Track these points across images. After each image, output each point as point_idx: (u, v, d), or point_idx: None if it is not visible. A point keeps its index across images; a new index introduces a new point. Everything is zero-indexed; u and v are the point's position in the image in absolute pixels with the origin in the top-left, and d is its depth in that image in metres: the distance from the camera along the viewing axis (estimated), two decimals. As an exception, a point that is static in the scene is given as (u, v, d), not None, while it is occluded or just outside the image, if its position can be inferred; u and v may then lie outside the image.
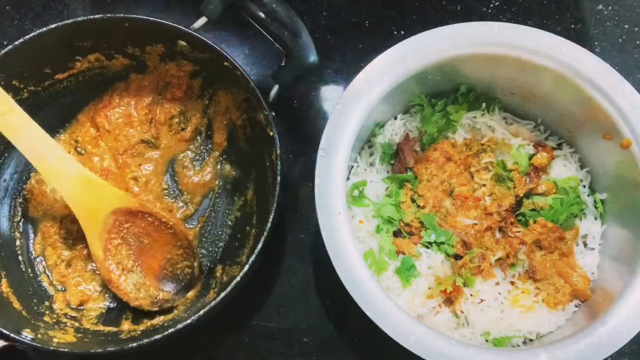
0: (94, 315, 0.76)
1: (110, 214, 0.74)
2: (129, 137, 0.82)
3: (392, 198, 0.74)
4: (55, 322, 0.73)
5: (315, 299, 0.78)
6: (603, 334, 0.63)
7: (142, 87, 0.83)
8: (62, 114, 0.81)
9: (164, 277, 0.76)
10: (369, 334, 0.65)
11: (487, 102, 0.78)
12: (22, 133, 0.69)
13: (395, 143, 0.77)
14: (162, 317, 0.75)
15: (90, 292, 0.77)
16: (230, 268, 0.76)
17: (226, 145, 0.83)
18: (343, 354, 0.76)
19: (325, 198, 0.68)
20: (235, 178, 0.82)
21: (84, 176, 0.73)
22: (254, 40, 0.87)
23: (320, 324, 0.77)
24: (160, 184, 0.82)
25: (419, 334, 0.63)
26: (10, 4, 0.90)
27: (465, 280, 0.70)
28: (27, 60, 0.73)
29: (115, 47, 0.78)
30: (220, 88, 0.81)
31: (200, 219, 0.81)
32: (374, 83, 0.71)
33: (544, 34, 0.71)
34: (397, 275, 0.71)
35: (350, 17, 0.90)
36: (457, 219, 0.72)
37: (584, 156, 0.76)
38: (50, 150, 0.71)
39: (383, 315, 0.64)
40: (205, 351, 0.77)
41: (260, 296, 0.78)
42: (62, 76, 0.78)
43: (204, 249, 0.80)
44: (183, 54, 0.78)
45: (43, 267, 0.78)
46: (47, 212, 0.80)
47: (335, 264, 0.66)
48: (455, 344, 0.63)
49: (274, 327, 0.77)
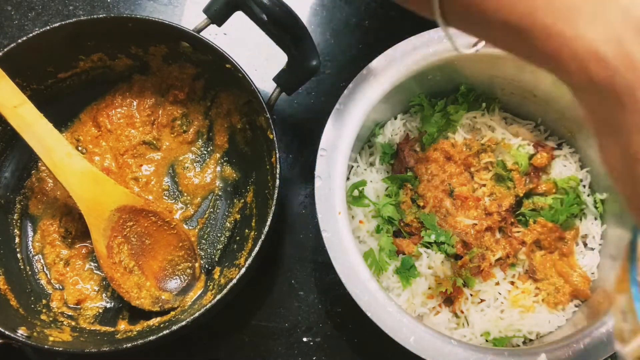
0: (91, 314, 0.75)
1: (115, 210, 0.74)
2: (131, 137, 0.83)
3: (392, 198, 0.74)
4: (52, 320, 0.73)
5: (315, 299, 0.77)
6: (603, 334, 0.63)
7: (144, 88, 0.83)
8: (64, 113, 0.81)
9: (165, 278, 0.76)
10: (369, 334, 0.65)
11: (487, 102, 0.78)
12: (32, 127, 0.70)
13: (395, 143, 0.77)
14: (159, 318, 0.74)
15: (88, 291, 0.77)
16: (228, 270, 0.76)
17: (227, 148, 0.83)
18: (343, 354, 0.75)
19: (325, 198, 0.68)
20: (236, 180, 0.82)
21: (92, 172, 0.74)
22: (257, 43, 0.88)
23: (320, 324, 0.76)
24: (161, 184, 0.82)
25: (419, 334, 0.63)
26: (10, 4, 0.90)
27: (465, 280, 0.70)
28: (30, 59, 0.73)
29: (119, 47, 0.78)
30: (222, 90, 0.81)
31: (199, 221, 0.81)
32: (374, 83, 0.71)
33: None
34: (397, 275, 0.71)
35: (350, 17, 0.90)
36: (457, 219, 0.72)
37: (584, 156, 0.76)
38: (58, 145, 0.72)
39: (383, 315, 0.63)
40: (205, 351, 0.76)
41: (260, 296, 0.78)
42: (65, 75, 0.79)
43: (202, 251, 0.80)
44: (186, 56, 0.78)
45: (41, 265, 0.78)
46: (47, 210, 0.79)
47: (335, 264, 0.65)
48: (455, 344, 0.63)
49: (274, 327, 0.77)
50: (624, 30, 0.37)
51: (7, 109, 0.69)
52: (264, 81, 0.81)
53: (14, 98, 0.70)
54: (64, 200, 0.79)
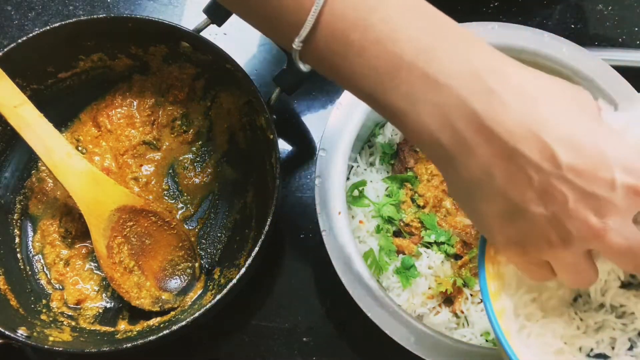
0: (91, 314, 0.75)
1: (115, 210, 0.74)
2: (131, 137, 0.83)
3: (392, 198, 0.74)
4: (52, 320, 0.73)
5: (315, 299, 0.77)
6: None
7: (144, 88, 0.83)
8: (64, 113, 0.81)
9: (165, 278, 0.76)
10: (369, 334, 0.65)
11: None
12: (32, 127, 0.70)
13: (395, 143, 0.77)
14: (159, 318, 0.74)
15: (88, 292, 0.77)
16: (228, 270, 0.76)
17: (227, 148, 0.83)
18: (343, 354, 0.75)
19: (325, 198, 0.68)
20: (236, 180, 0.82)
21: (92, 172, 0.74)
22: (257, 43, 0.88)
23: (320, 324, 0.76)
24: (161, 184, 0.82)
25: (418, 334, 0.63)
26: (10, 4, 0.90)
27: (465, 280, 0.70)
28: (30, 59, 0.73)
29: (119, 47, 0.78)
30: (222, 90, 0.81)
31: (199, 221, 0.81)
32: (375, 83, 0.71)
33: (544, 34, 0.71)
34: (397, 275, 0.71)
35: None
36: (457, 219, 0.72)
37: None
38: (58, 145, 0.72)
39: (383, 315, 0.63)
40: (205, 351, 0.76)
41: (260, 296, 0.78)
42: (65, 75, 0.79)
43: (202, 251, 0.80)
44: (186, 56, 0.78)
45: (41, 265, 0.78)
46: (47, 210, 0.79)
47: (335, 264, 0.66)
48: (455, 344, 0.63)
49: (274, 327, 0.76)
50: (457, 120, 0.42)
51: (7, 109, 0.70)
52: (264, 81, 0.81)
53: (14, 98, 0.70)
54: (64, 200, 0.79)
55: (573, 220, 0.42)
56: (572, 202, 0.41)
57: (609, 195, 0.41)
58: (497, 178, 0.42)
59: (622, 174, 0.41)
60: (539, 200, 0.42)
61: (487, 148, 0.42)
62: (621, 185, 0.41)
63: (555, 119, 0.42)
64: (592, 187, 0.41)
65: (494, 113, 0.41)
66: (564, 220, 0.42)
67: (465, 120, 0.42)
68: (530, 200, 0.42)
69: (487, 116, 0.41)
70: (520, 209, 0.42)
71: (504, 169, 0.42)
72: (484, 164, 0.42)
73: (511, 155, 0.41)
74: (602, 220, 0.41)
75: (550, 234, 0.43)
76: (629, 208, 0.42)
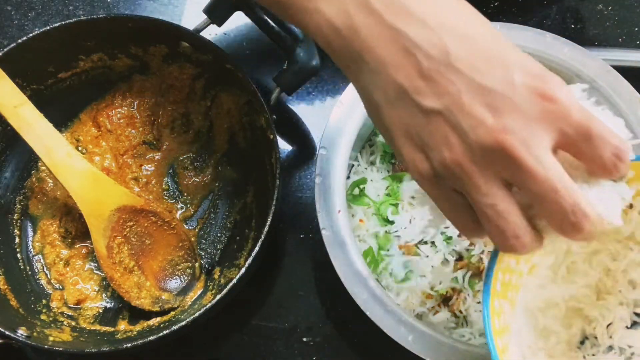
0: (91, 314, 0.75)
1: (115, 210, 0.74)
2: (131, 137, 0.83)
3: (393, 197, 0.74)
4: (52, 320, 0.73)
5: (315, 299, 0.77)
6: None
7: (144, 88, 0.83)
8: (64, 113, 0.81)
9: (165, 278, 0.76)
10: (369, 334, 0.65)
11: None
12: (32, 127, 0.71)
13: (395, 143, 0.77)
14: (159, 318, 0.74)
15: (88, 291, 0.77)
16: (228, 270, 0.76)
17: (227, 148, 0.83)
18: (343, 354, 0.75)
19: (325, 197, 0.68)
20: (236, 180, 0.82)
21: (92, 172, 0.74)
22: (257, 43, 0.88)
23: (320, 324, 0.76)
24: (161, 184, 0.82)
25: (418, 334, 0.63)
26: (10, 4, 0.90)
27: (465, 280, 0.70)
28: (30, 59, 0.73)
29: (119, 47, 0.78)
30: (222, 90, 0.81)
31: (199, 221, 0.81)
32: (375, 82, 0.71)
33: (544, 34, 0.71)
34: (396, 274, 0.71)
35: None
36: (458, 219, 0.72)
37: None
38: (59, 145, 0.72)
39: (383, 314, 0.63)
40: (205, 351, 0.76)
41: (260, 296, 0.78)
42: (65, 75, 0.79)
43: (202, 251, 0.80)
44: (186, 56, 0.78)
45: (41, 265, 0.78)
46: (47, 210, 0.80)
47: (334, 263, 0.65)
48: (454, 343, 0.63)
49: (274, 327, 0.76)
50: (350, 4, 0.42)
51: (7, 109, 0.70)
52: (264, 81, 0.81)
53: (14, 98, 0.70)
54: (64, 200, 0.79)
55: (466, 116, 0.38)
56: (465, 95, 0.38)
57: (507, 92, 0.38)
58: (388, 66, 0.41)
59: (522, 74, 0.38)
60: (430, 92, 0.39)
61: (376, 29, 0.41)
62: (522, 84, 0.38)
63: (454, 17, 0.40)
64: (486, 80, 0.38)
65: (388, 2, 0.41)
66: (458, 116, 0.38)
67: (357, 4, 0.41)
68: (421, 90, 0.40)
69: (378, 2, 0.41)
70: (411, 97, 0.40)
71: (393, 52, 0.40)
72: (377, 55, 0.41)
73: (397, 38, 0.40)
74: (499, 120, 0.37)
75: (447, 133, 0.39)
76: (534, 115, 0.37)
